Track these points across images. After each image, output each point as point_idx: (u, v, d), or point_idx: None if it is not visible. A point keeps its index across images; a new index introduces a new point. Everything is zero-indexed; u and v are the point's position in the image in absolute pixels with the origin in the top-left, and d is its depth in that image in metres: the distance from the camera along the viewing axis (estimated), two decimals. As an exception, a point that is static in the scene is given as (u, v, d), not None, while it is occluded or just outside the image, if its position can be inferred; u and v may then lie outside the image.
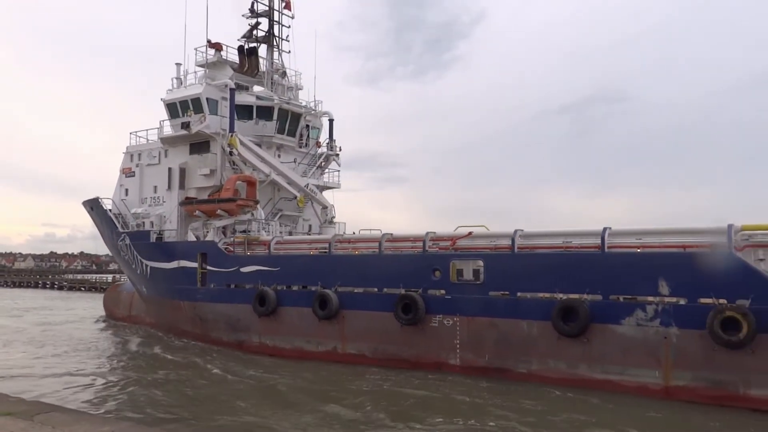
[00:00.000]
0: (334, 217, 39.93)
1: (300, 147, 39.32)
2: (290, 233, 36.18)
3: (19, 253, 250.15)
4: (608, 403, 19.36)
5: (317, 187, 39.48)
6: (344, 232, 38.32)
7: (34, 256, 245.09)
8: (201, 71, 38.12)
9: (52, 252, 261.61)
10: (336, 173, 41.62)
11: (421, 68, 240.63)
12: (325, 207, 39.45)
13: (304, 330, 27.77)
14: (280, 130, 37.16)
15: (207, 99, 34.94)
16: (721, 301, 19.05)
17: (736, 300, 18.86)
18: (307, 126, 39.97)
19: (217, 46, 38.00)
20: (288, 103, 37.59)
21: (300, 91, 41.48)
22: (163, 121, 36.76)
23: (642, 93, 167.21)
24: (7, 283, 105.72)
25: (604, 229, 21.61)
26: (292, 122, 37.93)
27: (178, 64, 38.08)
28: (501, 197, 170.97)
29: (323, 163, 40.85)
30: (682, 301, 19.79)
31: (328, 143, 41.17)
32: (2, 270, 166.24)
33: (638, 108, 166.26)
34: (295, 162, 38.10)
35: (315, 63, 43.30)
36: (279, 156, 37.86)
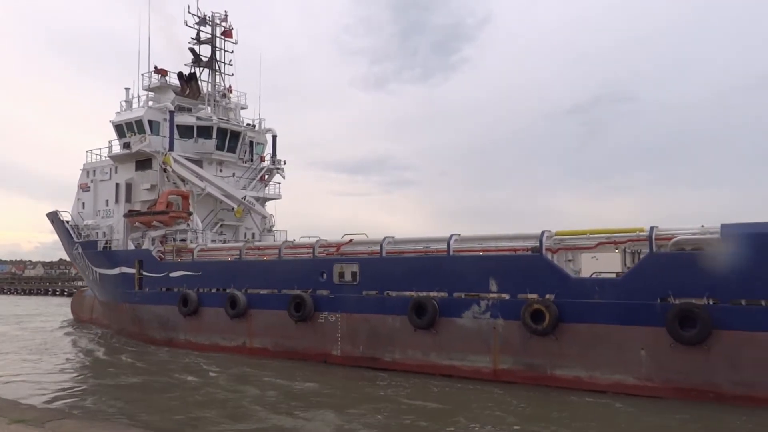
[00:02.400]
0: (273, 225, 43.59)
1: (245, 162, 43.01)
2: (225, 241, 39.72)
3: (29, 261, 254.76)
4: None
5: (259, 198, 43.12)
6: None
7: (44, 264, 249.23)
8: (150, 94, 42.16)
9: (61, 259, 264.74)
10: (277, 185, 45.30)
11: (427, 71, 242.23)
12: (264, 217, 43.05)
13: (220, 327, 31.33)
14: (220, 147, 40.77)
15: (149, 121, 38.73)
16: (533, 295, 22.42)
17: (546, 294, 22.22)
18: (251, 142, 43.69)
19: (162, 72, 41.85)
20: (227, 123, 41.28)
21: (245, 110, 45.44)
22: (111, 141, 40.66)
23: (651, 93, 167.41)
24: (18, 291, 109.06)
25: (451, 235, 25.04)
26: (232, 139, 41.52)
27: (127, 89, 42.01)
28: (509, 199, 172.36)
29: (266, 176, 44.52)
30: (507, 297, 23.15)
31: (271, 158, 44.94)
32: (13, 278, 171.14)
33: (648, 108, 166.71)
34: (233, 176, 41.74)
35: (260, 85, 46.92)
36: (221, 171, 41.56)
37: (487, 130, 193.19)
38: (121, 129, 39.84)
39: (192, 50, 42.39)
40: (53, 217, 44.02)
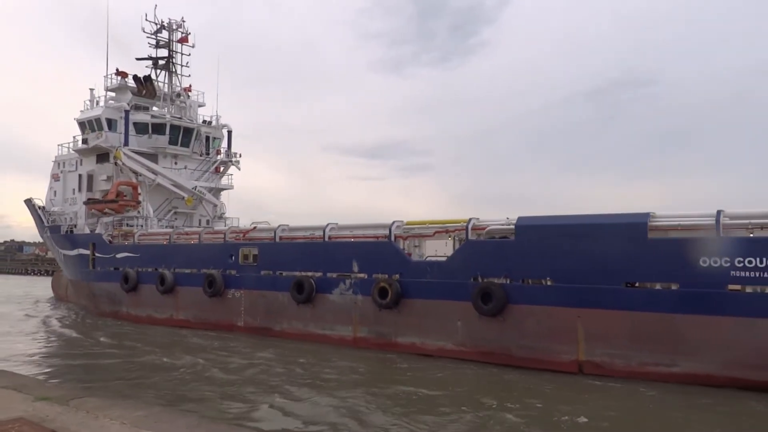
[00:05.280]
0: (224, 213, 48.16)
1: (200, 155, 47.55)
2: (173, 227, 44.31)
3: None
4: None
5: (212, 189, 47.64)
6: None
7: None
8: (111, 94, 46.87)
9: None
10: (230, 176, 49.83)
11: (445, 54, 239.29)
12: (215, 205, 47.61)
13: (153, 302, 36.02)
14: (173, 142, 45.25)
15: (107, 119, 43.41)
16: (384, 275, 26.58)
17: (393, 275, 26.38)
18: (207, 137, 48.22)
19: (123, 74, 46.48)
20: (179, 120, 45.78)
21: (202, 108, 49.97)
22: (75, 136, 45.59)
23: (673, 74, 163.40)
24: (41, 272, 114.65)
25: (327, 224, 29.28)
26: (185, 135, 45.99)
27: (92, 89, 46.75)
28: (526, 184, 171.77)
29: (221, 168, 49.03)
30: (365, 276, 27.34)
31: (226, 151, 49.46)
32: (36, 259, 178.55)
33: (669, 91, 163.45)
34: (185, 168, 46.28)
35: (217, 85, 51.33)
36: (175, 163, 46.15)
37: (505, 113, 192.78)
38: (83, 126, 44.65)
39: (151, 57, 46.98)
40: (28, 203, 49.15)
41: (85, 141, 43.25)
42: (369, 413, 16.74)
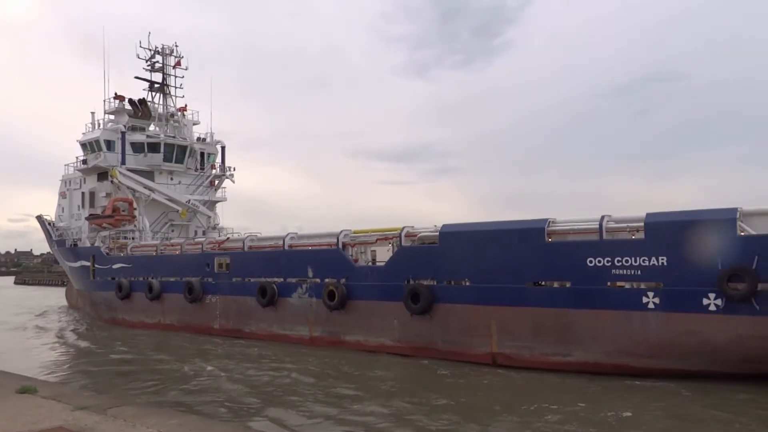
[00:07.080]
0: (218, 224, 51.44)
1: (196, 170, 50.92)
2: (168, 238, 47.70)
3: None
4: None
5: (207, 201, 50.94)
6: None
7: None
8: (110, 116, 50.57)
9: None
10: (224, 189, 53.12)
11: (469, 56, 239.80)
12: (209, 217, 50.91)
13: (144, 308, 39.33)
14: (168, 160, 48.65)
15: (105, 140, 47.06)
16: (333, 280, 29.28)
17: (341, 279, 29.07)
18: (202, 153, 51.60)
19: (120, 98, 50.15)
20: (173, 139, 49.21)
21: (197, 126, 53.42)
22: (78, 157, 49.38)
23: (702, 70, 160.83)
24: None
25: (288, 233, 32.13)
26: (179, 152, 49.41)
27: (93, 113, 50.56)
28: (555, 184, 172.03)
29: (215, 182, 52.37)
30: (318, 281, 30.08)
31: (220, 166, 52.82)
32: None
33: (700, 86, 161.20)
34: (179, 183, 49.67)
35: (211, 102, 54.64)
36: (171, 179, 49.62)
37: (532, 113, 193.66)
38: (85, 147, 48.44)
39: (147, 79, 50.66)
40: (39, 219, 53.20)
41: (85, 161, 46.96)
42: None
